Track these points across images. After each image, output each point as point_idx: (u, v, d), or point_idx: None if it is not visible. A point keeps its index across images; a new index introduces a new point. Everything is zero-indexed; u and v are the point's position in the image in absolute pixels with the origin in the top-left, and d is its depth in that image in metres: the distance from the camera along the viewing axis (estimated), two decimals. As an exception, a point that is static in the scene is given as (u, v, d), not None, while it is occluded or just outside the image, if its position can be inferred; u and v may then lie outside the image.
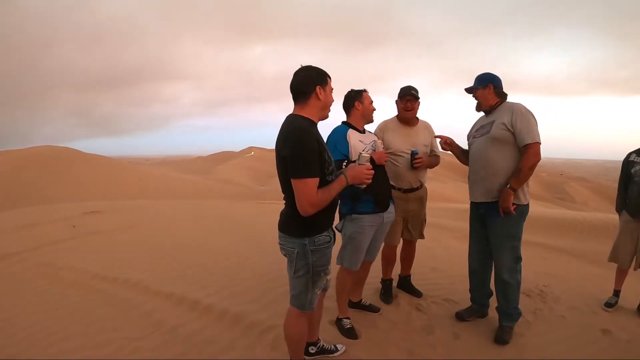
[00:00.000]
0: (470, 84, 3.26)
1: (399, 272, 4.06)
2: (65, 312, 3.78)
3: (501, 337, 3.10)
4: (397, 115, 3.66)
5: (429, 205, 4.02)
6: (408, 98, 3.51)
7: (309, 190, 2.07)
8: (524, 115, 2.94)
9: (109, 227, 8.01)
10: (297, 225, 2.23)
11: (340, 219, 3.11)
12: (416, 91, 3.54)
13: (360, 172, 2.30)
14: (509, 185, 2.93)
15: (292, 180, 2.10)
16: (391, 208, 3.22)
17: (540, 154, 2.90)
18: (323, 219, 2.26)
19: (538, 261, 5.81)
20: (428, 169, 3.69)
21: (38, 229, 8.20)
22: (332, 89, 2.33)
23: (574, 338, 3.23)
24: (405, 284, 4.00)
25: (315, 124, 2.28)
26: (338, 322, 3.26)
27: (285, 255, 2.34)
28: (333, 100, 2.34)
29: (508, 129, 2.96)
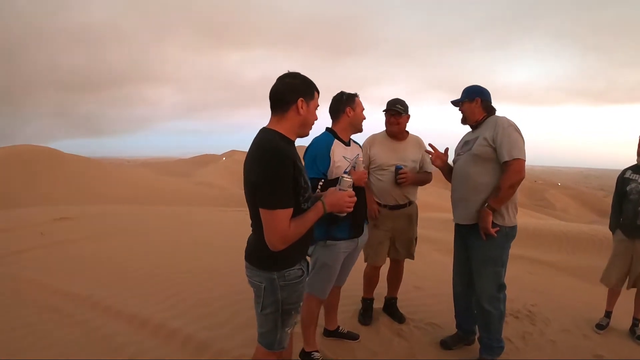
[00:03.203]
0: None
1: (384, 293, 3.81)
2: (22, 334, 3.48)
3: None
4: (386, 129, 3.44)
5: None
6: (391, 113, 3.30)
7: (279, 224, 1.77)
8: (506, 130, 2.71)
9: (77, 236, 7.68)
10: (265, 256, 1.92)
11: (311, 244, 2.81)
12: (402, 104, 3.31)
13: (341, 199, 1.98)
14: (487, 204, 2.70)
15: (260, 210, 1.80)
16: (365, 230, 2.95)
17: (523, 171, 2.66)
18: (295, 250, 1.96)
19: (524, 276, 5.65)
20: (418, 187, 3.47)
21: (6, 235, 7.90)
22: (318, 105, 2.01)
23: (567, 366, 3.02)
24: (391, 307, 3.74)
25: (293, 142, 1.96)
26: (306, 355, 2.94)
27: (252, 288, 2.05)
28: (316, 119, 2.02)
29: (490, 144, 2.74)
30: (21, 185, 24.23)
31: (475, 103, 2.93)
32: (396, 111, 3.28)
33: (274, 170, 1.75)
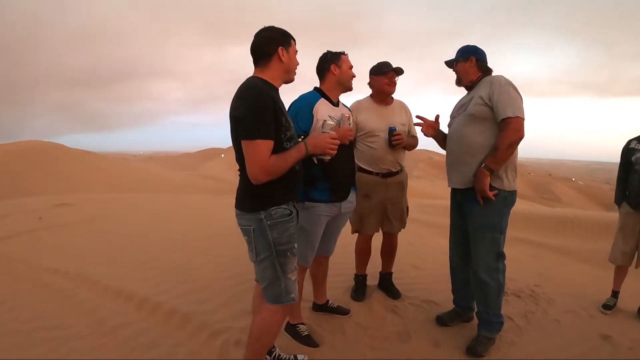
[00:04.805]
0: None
1: (379, 269, 3.63)
2: (10, 307, 3.50)
3: (473, 348, 2.65)
4: (371, 94, 3.29)
5: (414, 201, 3.64)
6: (392, 74, 3.13)
7: (260, 154, 1.85)
8: (503, 87, 2.52)
9: (75, 219, 7.72)
10: (251, 197, 1.97)
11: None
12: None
13: (322, 141, 2.07)
14: (484, 165, 2.51)
15: (242, 142, 1.87)
16: (351, 197, 2.77)
17: (522, 130, 2.47)
18: (280, 190, 1.98)
19: (528, 259, 5.44)
20: (406, 151, 3.31)
21: (6, 220, 8.03)
22: (297, 51, 2.13)
23: (572, 345, 2.83)
24: (386, 282, 3.56)
25: (276, 88, 2.07)
26: (291, 328, 2.79)
27: (245, 237, 2.05)
28: (298, 64, 2.13)
29: (486, 103, 2.55)
30: (27, 179, 24.43)
31: (469, 62, 2.74)
32: (399, 69, 3.13)
33: (254, 103, 1.86)
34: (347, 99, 2.89)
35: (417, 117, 3.07)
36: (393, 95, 3.29)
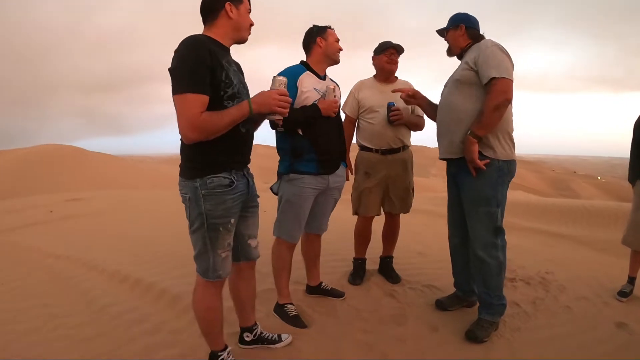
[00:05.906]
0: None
1: (380, 254, 3.50)
2: (9, 288, 3.61)
3: (472, 333, 2.46)
4: (374, 75, 3.26)
5: (426, 195, 3.49)
6: (391, 51, 3.08)
7: (189, 109, 1.68)
8: (489, 48, 2.36)
9: (84, 212, 7.81)
10: (188, 162, 1.84)
11: (277, 179, 2.61)
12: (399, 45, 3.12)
13: (268, 98, 1.84)
14: (470, 132, 2.35)
15: (173, 99, 1.72)
16: (340, 171, 2.69)
17: (510, 92, 2.29)
18: (220, 154, 1.83)
19: (540, 248, 5.20)
20: (416, 132, 3.26)
21: (19, 213, 8.21)
22: (250, 10, 1.97)
23: (584, 332, 2.62)
24: (386, 267, 3.43)
25: (225, 47, 1.90)
26: (279, 308, 2.69)
27: (184, 204, 1.94)
28: (252, 23, 1.97)
29: (471, 67, 2.40)
30: (43, 180, 24.89)
31: (459, 30, 2.59)
32: (399, 46, 3.08)
33: (187, 54, 1.71)
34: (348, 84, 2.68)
35: (393, 91, 2.95)
36: (397, 75, 3.24)
